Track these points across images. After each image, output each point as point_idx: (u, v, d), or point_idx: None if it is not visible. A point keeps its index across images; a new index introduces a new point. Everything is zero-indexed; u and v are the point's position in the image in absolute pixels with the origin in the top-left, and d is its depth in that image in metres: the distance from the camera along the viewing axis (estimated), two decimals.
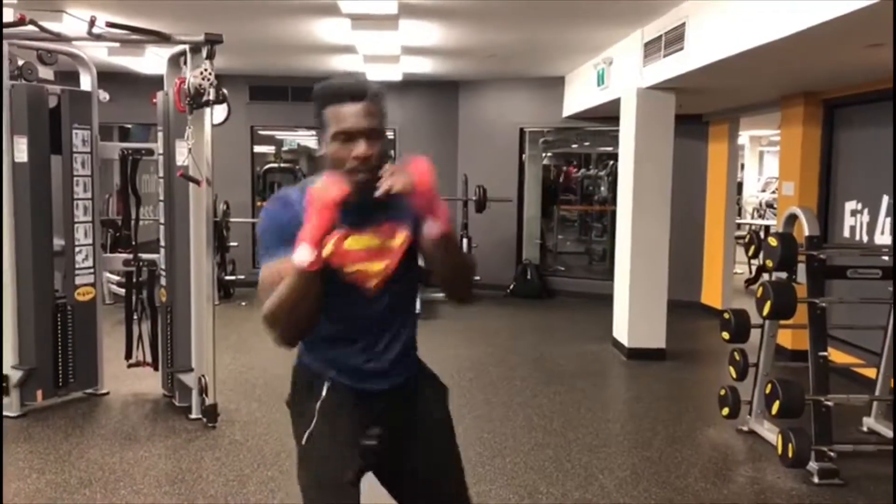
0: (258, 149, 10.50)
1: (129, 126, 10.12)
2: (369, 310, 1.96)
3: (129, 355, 5.21)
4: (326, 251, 1.78)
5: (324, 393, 1.99)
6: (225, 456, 4.09)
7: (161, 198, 4.84)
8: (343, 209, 1.76)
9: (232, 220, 8.85)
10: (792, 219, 4.51)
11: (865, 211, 5.90)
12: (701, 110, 8.33)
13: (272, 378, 5.64)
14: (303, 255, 1.74)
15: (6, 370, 4.55)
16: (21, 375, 4.58)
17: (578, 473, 3.97)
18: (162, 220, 4.83)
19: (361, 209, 1.86)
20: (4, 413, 4.54)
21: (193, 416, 4.61)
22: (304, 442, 2.01)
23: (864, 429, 4.68)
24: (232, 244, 8.89)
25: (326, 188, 1.75)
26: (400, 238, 1.94)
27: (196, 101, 4.26)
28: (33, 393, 4.67)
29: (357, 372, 1.98)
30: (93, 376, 5.03)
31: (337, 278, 1.88)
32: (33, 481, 3.71)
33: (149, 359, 5.14)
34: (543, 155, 10.70)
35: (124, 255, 5.22)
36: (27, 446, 4.19)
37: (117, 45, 5.69)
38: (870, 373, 4.83)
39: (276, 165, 11.95)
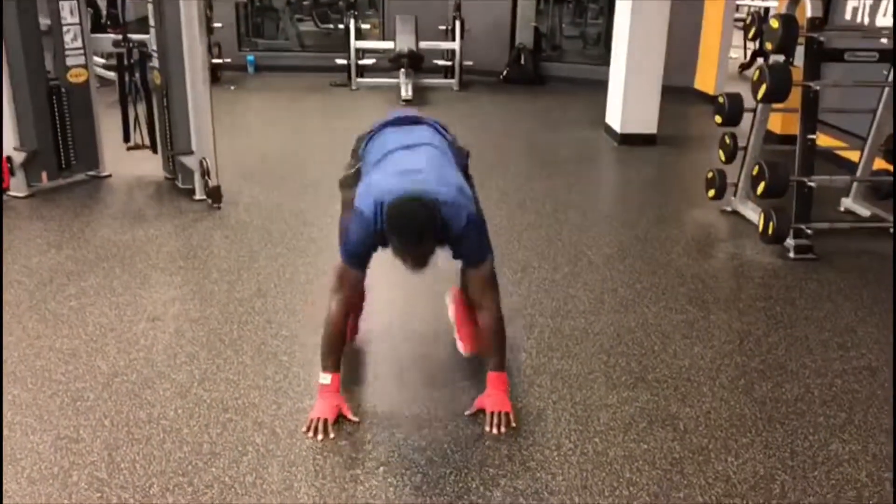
0: None
1: None
2: None
3: (126, 138, 5.24)
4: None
5: None
6: (233, 234, 4.27)
7: None
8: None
9: None
10: (795, 0, 4.42)
11: None
12: None
13: (271, 161, 5.75)
14: (324, 381, 2.57)
15: (9, 151, 4.61)
16: (25, 157, 4.65)
17: (568, 251, 4.20)
18: None
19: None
20: (14, 193, 4.67)
21: (197, 197, 4.74)
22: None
23: (842, 209, 4.91)
24: (216, 25, 8.59)
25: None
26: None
27: None
28: (38, 175, 4.77)
29: None
30: (94, 159, 5.11)
31: None
32: (53, 255, 3.90)
33: (147, 142, 5.19)
34: None
35: (113, 36, 5.09)
36: (41, 224, 4.34)
37: None
38: (853, 156, 4.98)
39: None
